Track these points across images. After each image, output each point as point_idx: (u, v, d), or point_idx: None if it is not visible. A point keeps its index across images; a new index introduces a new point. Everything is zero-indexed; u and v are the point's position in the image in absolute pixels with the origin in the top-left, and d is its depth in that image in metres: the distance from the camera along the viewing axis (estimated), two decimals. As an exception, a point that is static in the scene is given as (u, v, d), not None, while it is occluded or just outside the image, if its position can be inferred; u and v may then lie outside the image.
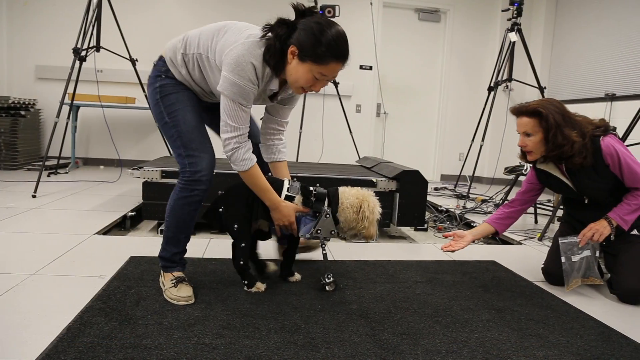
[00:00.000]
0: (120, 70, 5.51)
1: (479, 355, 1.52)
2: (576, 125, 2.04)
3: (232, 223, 1.89)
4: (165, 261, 1.89)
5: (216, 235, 3.15)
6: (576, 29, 5.78)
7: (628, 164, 2.00)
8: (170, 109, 1.81)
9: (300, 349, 1.48)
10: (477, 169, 5.49)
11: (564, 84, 5.92)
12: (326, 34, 1.64)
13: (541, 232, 3.30)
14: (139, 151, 5.92)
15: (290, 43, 1.68)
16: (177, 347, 1.44)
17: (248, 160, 1.77)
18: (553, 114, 2.01)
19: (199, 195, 1.82)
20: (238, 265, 1.92)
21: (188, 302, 1.77)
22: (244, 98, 1.70)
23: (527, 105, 2.07)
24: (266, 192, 1.83)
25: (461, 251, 2.80)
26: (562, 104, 2.09)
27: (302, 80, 1.71)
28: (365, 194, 1.95)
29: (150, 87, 1.86)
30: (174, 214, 1.83)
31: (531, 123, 2.05)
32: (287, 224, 1.90)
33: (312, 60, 1.67)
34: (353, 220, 1.91)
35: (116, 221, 3.10)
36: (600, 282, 2.16)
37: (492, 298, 2.04)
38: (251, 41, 1.68)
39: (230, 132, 1.74)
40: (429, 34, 6.45)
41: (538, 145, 2.07)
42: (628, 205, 2.06)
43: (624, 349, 1.63)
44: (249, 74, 1.67)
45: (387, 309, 1.84)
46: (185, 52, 1.80)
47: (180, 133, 1.79)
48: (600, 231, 2.07)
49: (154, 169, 3.07)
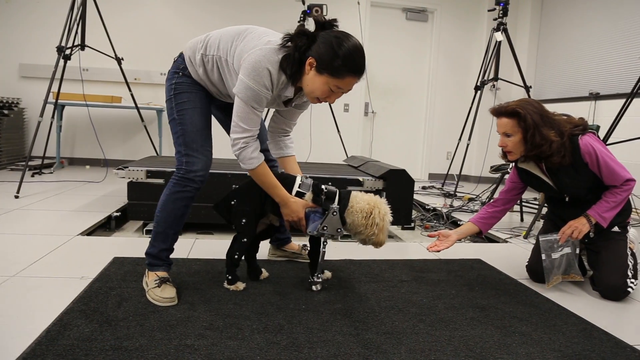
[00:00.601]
0: (106, 69, 5.46)
1: (462, 353, 1.52)
2: (554, 124, 2.05)
3: (240, 217, 1.94)
4: (152, 258, 1.89)
5: (202, 235, 3.13)
6: (561, 29, 5.83)
7: (606, 162, 2.02)
8: (181, 107, 1.86)
9: (283, 349, 1.47)
10: (465, 168, 5.52)
11: (550, 83, 5.97)
12: (344, 49, 1.69)
13: (527, 230, 3.33)
14: (126, 151, 5.88)
15: (309, 54, 1.73)
16: (158, 349, 1.42)
17: (255, 159, 1.81)
18: (531, 114, 2.02)
19: (191, 192, 1.86)
20: (232, 257, 1.94)
21: (171, 303, 1.76)
22: (257, 102, 1.74)
23: (506, 106, 2.08)
24: (274, 189, 1.88)
25: (447, 250, 2.81)
26: (541, 103, 2.10)
27: (318, 91, 1.76)
28: (378, 200, 1.96)
29: (167, 82, 1.92)
30: (165, 208, 1.86)
31: (510, 123, 2.07)
32: (295, 220, 1.93)
33: (329, 73, 1.71)
34: (361, 225, 1.92)
35: (100, 222, 3.07)
36: (581, 278, 2.18)
37: (476, 296, 2.05)
38: (269, 47, 1.71)
39: (239, 132, 1.78)
40: (416, 33, 6.46)
41: (517, 145, 2.08)
42: (607, 203, 2.08)
43: (605, 345, 1.64)
44: (265, 79, 1.71)
45: (372, 308, 1.84)
46: (205, 52, 1.84)
47: (184, 132, 1.85)
48: (580, 229, 2.09)
49: (139, 169, 3.05)
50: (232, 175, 3.10)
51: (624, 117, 3.61)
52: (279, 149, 2.11)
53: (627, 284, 2.09)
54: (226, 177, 3.09)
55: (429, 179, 6.59)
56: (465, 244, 3.20)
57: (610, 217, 2.09)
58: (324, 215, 1.92)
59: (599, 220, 2.08)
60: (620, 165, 2.05)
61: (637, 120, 4.15)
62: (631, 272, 2.12)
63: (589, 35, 5.35)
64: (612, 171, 2.03)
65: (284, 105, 1.95)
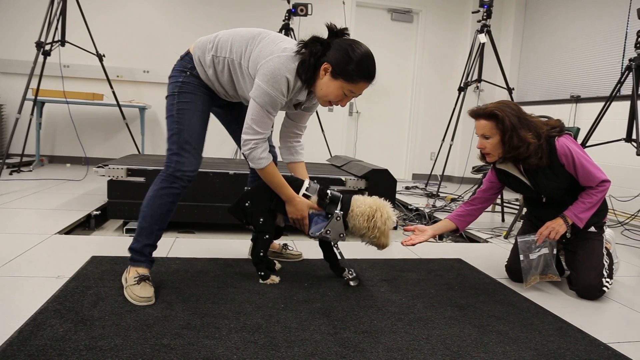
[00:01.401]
0: (88, 66, 5.39)
1: (440, 352, 1.53)
2: (531, 126, 2.07)
3: (258, 217, 2.02)
4: (135, 253, 1.88)
5: (183, 234, 3.11)
6: (544, 32, 5.90)
7: (582, 163, 2.05)
8: (182, 106, 1.88)
9: (260, 348, 1.46)
10: (448, 169, 5.56)
11: (532, 85, 6.04)
12: (358, 56, 1.78)
13: (507, 230, 3.36)
14: (108, 149, 5.80)
15: (323, 60, 1.80)
16: (133, 349, 1.41)
17: (264, 159, 1.88)
18: (509, 117, 2.03)
19: (178, 189, 1.87)
20: (258, 257, 2.04)
21: (147, 302, 1.74)
22: (272, 107, 1.81)
23: (485, 108, 2.09)
24: (281, 187, 1.96)
25: (427, 249, 2.83)
26: (519, 106, 2.11)
27: (332, 95, 1.85)
28: (381, 204, 2.00)
29: (172, 79, 1.93)
30: (152, 203, 1.87)
31: (488, 126, 2.08)
32: (299, 218, 2.01)
33: (344, 78, 1.80)
34: (364, 228, 1.97)
35: (79, 220, 3.02)
36: (558, 278, 2.21)
37: (455, 295, 2.06)
38: (287, 55, 1.78)
39: (251, 134, 1.83)
40: (401, 34, 6.49)
41: (496, 147, 2.10)
42: (583, 204, 2.10)
43: (580, 343, 1.67)
44: (282, 86, 1.78)
45: (351, 307, 1.84)
46: (216, 54, 1.87)
47: (180, 131, 1.86)
48: (557, 229, 2.12)
49: (120, 167, 3.01)
50: (214, 174, 3.08)
51: (603, 120, 3.68)
52: (290, 154, 2.18)
53: (602, 283, 2.12)
54: (208, 176, 3.08)
55: (413, 179, 6.62)
56: (446, 243, 3.22)
57: (587, 217, 2.11)
58: (328, 220, 1.99)
59: (575, 221, 2.10)
60: (596, 166, 2.07)
61: (615, 123, 4.22)
62: (606, 272, 2.15)
63: (571, 39, 5.42)
64: (587, 172, 2.05)
65: (294, 107, 2.01)
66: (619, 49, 4.73)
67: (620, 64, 4.69)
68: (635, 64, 3.23)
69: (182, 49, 2.15)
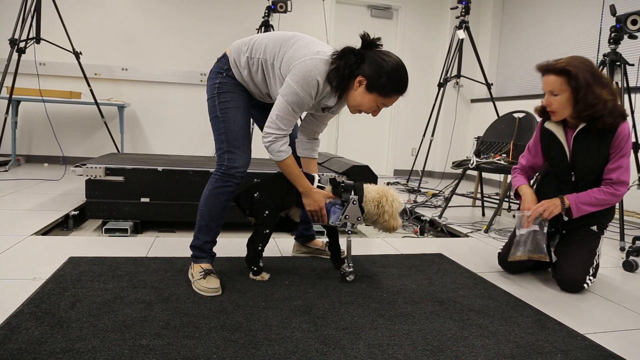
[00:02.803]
0: (65, 64, 5.29)
1: (420, 346, 1.54)
2: (605, 83, 1.99)
3: (263, 209, 2.03)
4: (196, 250, 2.00)
5: (163, 233, 3.08)
6: (521, 28, 5.97)
7: (625, 153, 2.03)
8: (224, 105, 1.96)
9: (240, 347, 1.45)
10: (429, 164, 5.61)
11: (511, 80, 6.11)
12: (393, 71, 1.85)
13: (487, 224, 3.40)
14: (86, 148, 5.71)
15: (358, 73, 1.86)
16: (111, 350, 1.39)
17: (284, 152, 1.92)
18: (583, 73, 1.94)
19: (232, 187, 1.97)
20: (255, 250, 2.04)
21: (215, 293, 1.85)
22: (299, 107, 1.87)
23: (555, 64, 2.01)
24: (299, 179, 2.00)
25: (408, 245, 2.86)
26: (591, 61, 2.02)
27: (365, 107, 1.93)
28: (385, 189, 2.10)
29: (210, 81, 2.01)
30: (208, 202, 1.97)
31: (559, 82, 2.00)
32: (317, 209, 2.04)
33: (378, 92, 1.88)
34: (375, 214, 2.07)
35: (57, 221, 2.97)
36: (547, 258, 2.17)
37: (436, 290, 2.08)
38: (320, 59, 1.83)
39: (274, 129, 1.88)
40: (381, 30, 6.50)
41: (564, 104, 2.02)
42: (589, 197, 2.08)
43: (557, 335, 1.69)
44: (312, 89, 1.83)
45: (332, 304, 1.84)
46: (250, 55, 1.93)
47: (227, 130, 1.94)
48: (551, 209, 2.09)
49: (97, 166, 2.97)
50: (194, 172, 3.05)
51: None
52: (306, 150, 2.23)
53: (585, 279, 2.14)
54: (188, 174, 3.05)
55: (395, 175, 6.66)
56: (427, 239, 3.25)
57: (586, 211, 2.09)
58: (344, 206, 2.05)
59: (573, 207, 2.08)
60: (629, 168, 2.08)
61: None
62: (593, 271, 2.18)
63: (546, 35, 5.50)
64: (621, 164, 2.04)
65: (321, 111, 2.08)
66: (594, 44, 4.81)
67: (595, 59, 4.76)
68: (609, 59, 3.28)
69: (161, 46, 2.15)
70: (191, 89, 5.81)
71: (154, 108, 5.78)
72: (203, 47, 5.75)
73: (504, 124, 3.84)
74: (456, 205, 4.32)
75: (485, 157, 3.68)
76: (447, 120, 6.12)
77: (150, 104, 5.76)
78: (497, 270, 2.43)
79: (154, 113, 5.79)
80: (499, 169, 3.51)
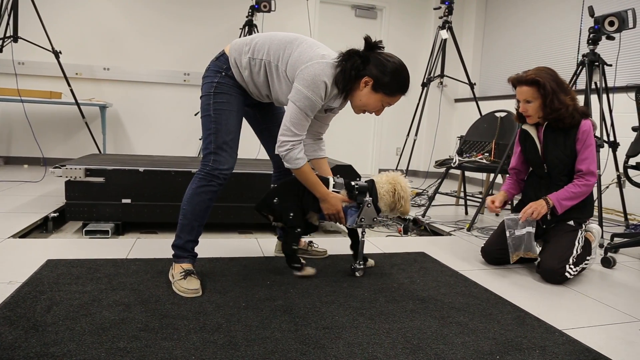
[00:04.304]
0: (45, 63, 5.21)
1: (400, 345, 1.54)
2: (568, 90, 2.29)
3: (288, 212, 2.08)
4: (178, 249, 2.00)
5: (145, 235, 3.05)
6: (504, 29, 6.03)
7: (590, 147, 2.29)
8: (219, 106, 1.96)
9: (219, 348, 1.44)
10: (413, 163, 5.63)
11: (494, 80, 6.16)
12: (397, 71, 1.93)
13: (470, 222, 3.42)
14: (68, 149, 5.63)
15: (363, 74, 1.92)
16: (87, 354, 1.37)
17: (301, 159, 1.95)
18: (549, 82, 2.24)
19: (215, 187, 1.97)
20: (290, 249, 2.11)
21: (195, 294, 1.84)
22: (311, 110, 1.90)
23: (525, 76, 2.29)
24: (316, 185, 2.03)
25: (391, 243, 2.87)
26: (554, 70, 2.32)
27: (371, 106, 2.00)
28: (394, 176, 2.19)
29: (208, 79, 2.00)
30: (191, 201, 1.97)
31: (531, 91, 2.28)
32: (334, 213, 2.09)
33: (384, 92, 1.95)
34: (392, 203, 2.16)
35: (36, 223, 2.92)
36: (535, 256, 2.36)
37: (417, 289, 2.09)
38: (326, 62, 1.88)
39: (289, 136, 1.91)
40: (365, 30, 6.51)
41: (537, 109, 2.31)
42: (567, 192, 2.30)
43: (536, 331, 1.71)
44: (321, 91, 1.87)
45: (313, 303, 1.84)
46: (252, 56, 1.94)
47: (217, 131, 1.95)
48: (539, 209, 2.28)
49: (78, 167, 2.93)
50: (176, 173, 3.03)
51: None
52: (313, 151, 2.27)
53: (565, 268, 2.23)
54: (170, 175, 3.02)
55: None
56: (410, 237, 3.26)
57: (567, 205, 2.31)
58: (360, 209, 2.11)
59: (556, 205, 2.29)
60: (595, 159, 2.32)
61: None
62: (573, 260, 2.26)
63: (528, 35, 5.55)
64: (587, 156, 2.29)
65: (324, 111, 2.13)
66: (575, 44, 4.88)
67: (575, 59, 4.83)
68: (588, 59, 3.33)
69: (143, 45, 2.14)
70: (174, 89, 5.76)
71: (136, 108, 5.72)
72: (186, 46, 5.70)
73: (486, 123, 3.87)
74: (439, 204, 4.34)
75: (467, 156, 3.71)
76: (431, 119, 6.16)
77: (133, 104, 5.70)
78: (479, 268, 2.46)
79: (137, 113, 5.74)
80: (481, 168, 3.54)
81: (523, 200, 2.56)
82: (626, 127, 3.16)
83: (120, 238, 2.90)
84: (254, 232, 2.98)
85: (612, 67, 3.72)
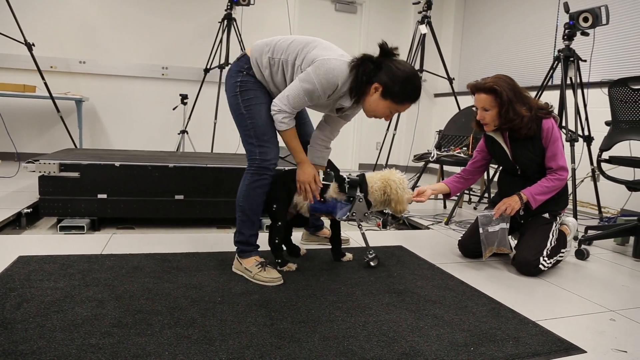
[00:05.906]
0: (18, 56, 5.08)
1: (375, 337, 1.55)
2: (525, 100, 2.26)
3: (271, 204, 2.11)
4: (243, 245, 2.07)
5: (122, 230, 3.01)
6: (482, 24, 6.08)
7: (556, 143, 2.28)
8: (248, 102, 2.01)
9: (193, 343, 1.43)
10: (393, 158, 5.65)
11: (472, 75, 6.21)
12: (407, 81, 1.93)
13: (448, 216, 3.45)
14: (42, 144, 5.51)
15: (374, 80, 1.94)
16: (58, 350, 1.34)
17: (284, 124, 1.98)
18: (506, 91, 2.20)
19: (267, 179, 2.05)
20: (273, 244, 2.14)
21: (280, 282, 1.97)
22: (309, 96, 1.93)
23: (484, 83, 2.27)
24: (296, 152, 2.06)
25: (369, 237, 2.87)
26: (512, 79, 2.29)
27: (379, 112, 2.01)
28: (388, 175, 2.21)
29: (231, 79, 2.06)
30: (248, 197, 2.04)
31: (488, 99, 2.25)
32: (306, 182, 2.08)
33: (392, 100, 1.96)
34: (382, 201, 2.20)
35: (8, 219, 2.86)
36: (509, 251, 2.39)
37: (394, 282, 2.10)
38: (344, 61, 1.91)
39: (282, 105, 1.94)
40: (345, 24, 6.51)
41: (494, 118, 2.28)
42: (540, 187, 2.30)
43: (510, 322, 1.73)
44: (327, 88, 1.91)
45: (289, 297, 1.84)
46: (272, 56, 1.99)
47: (255, 125, 2.01)
48: (512, 205, 2.31)
49: (51, 162, 2.87)
50: (153, 167, 2.99)
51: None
52: (315, 157, 2.26)
53: (539, 260, 2.26)
54: (147, 169, 2.98)
55: (359, 169, 6.68)
56: (389, 231, 3.27)
57: (541, 200, 2.32)
58: (351, 203, 2.14)
59: (530, 200, 2.30)
60: (564, 154, 2.30)
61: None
62: (547, 252, 2.30)
63: (506, 30, 5.61)
64: (555, 153, 2.28)
65: (336, 111, 2.13)
66: (551, 40, 4.94)
67: (552, 54, 4.90)
68: (563, 54, 3.37)
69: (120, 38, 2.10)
70: (152, 83, 5.68)
71: (114, 102, 5.63)
72: (164, 40, 5.62)
73: (464, 117, 3.90)
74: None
75: (445, 150, 3.73)
76: (411, 114, 6.18)
77: (110, 98, 5.61)
78: (455, 261, 2.48)
79: (114, 107, 5.64)
80: (459, 162, 3.57)
81: (499, 195, 2.58)
82: (600, 122, 3.22)
83: (96, 234, 2.86)
84: (232, 227, 2.96)
85: (586, 63, 3.78)
